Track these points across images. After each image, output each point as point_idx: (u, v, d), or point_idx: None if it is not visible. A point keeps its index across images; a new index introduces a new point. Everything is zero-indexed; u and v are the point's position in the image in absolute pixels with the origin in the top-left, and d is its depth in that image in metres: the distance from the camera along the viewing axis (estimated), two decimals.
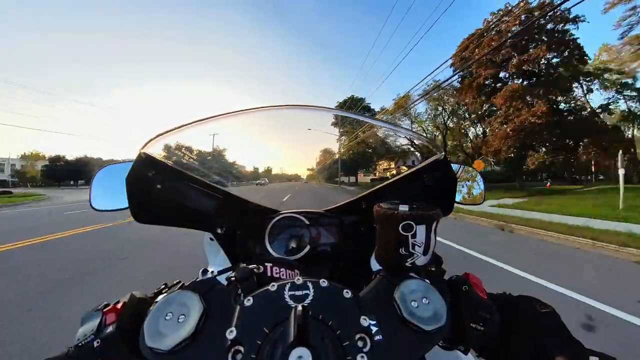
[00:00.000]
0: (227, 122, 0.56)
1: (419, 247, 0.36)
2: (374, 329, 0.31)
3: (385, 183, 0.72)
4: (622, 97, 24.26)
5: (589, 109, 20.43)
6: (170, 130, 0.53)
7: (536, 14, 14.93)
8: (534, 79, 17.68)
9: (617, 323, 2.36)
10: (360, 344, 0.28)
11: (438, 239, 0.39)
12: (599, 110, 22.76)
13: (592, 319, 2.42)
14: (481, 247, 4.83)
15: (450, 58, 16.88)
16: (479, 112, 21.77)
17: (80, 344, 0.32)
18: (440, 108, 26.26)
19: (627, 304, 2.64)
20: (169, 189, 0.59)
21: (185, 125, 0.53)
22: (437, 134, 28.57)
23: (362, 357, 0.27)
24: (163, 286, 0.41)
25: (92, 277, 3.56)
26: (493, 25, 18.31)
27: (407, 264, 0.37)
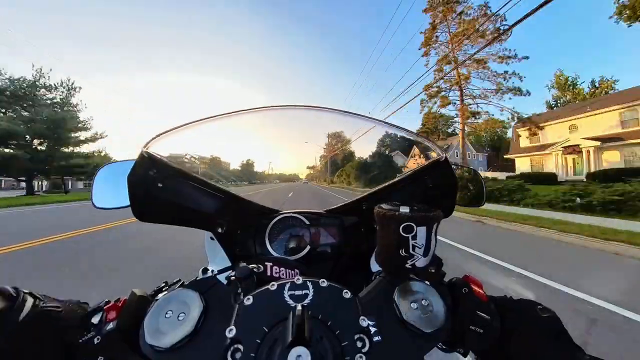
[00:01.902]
0: (229, 122, 0.57)
1: (420, 248, 0.36)
2: (373, 329, 0.31)
3: (386, 184, 0.72)
4: None
5: None
6: (171, 130, 0.53)
7: None
8: None
9: None
10: (359, 344, 0.28)
11: None
12: None
13: None
14: None
15: None
16: None
17: (81, 341, 0.33)
18: None
19: None
20: (170, 188, 0.59)
21: (187, 124, 0.53)
22: None
23: (361, 357, 0.27)
24: (163, 284, 0.41)
25: None
26: None
27: (407, 266, 0.37)
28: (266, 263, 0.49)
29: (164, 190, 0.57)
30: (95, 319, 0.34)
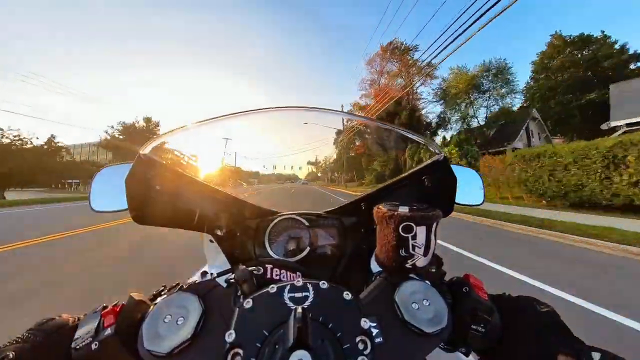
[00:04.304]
0: (226, 124, 0.56)
1: (419, 248, 0.36)
2: (375, 330, 0.30)
3: (385, 184, 0.72)
4: None
5: None
6: (169, 132, 0.53)
7: None
8: None
9: None
10: (360, 346, 0.28)
11: None
12: None
13: None
14: None
15: None
16: None
17: (78, 347, 0.32)
18: None
19: None
20: (168, 191, 0.59)
21: (185, 127, 0.53)
22: None
23: (363, 359, 0.27)
24: (162, 288, 0.41)
25: None
26: None
27: (408, 266, 0.37)
28: (266, 265, 0.49)
29: (162, 193, 0.57)
30: (92, 325, 0.33)
